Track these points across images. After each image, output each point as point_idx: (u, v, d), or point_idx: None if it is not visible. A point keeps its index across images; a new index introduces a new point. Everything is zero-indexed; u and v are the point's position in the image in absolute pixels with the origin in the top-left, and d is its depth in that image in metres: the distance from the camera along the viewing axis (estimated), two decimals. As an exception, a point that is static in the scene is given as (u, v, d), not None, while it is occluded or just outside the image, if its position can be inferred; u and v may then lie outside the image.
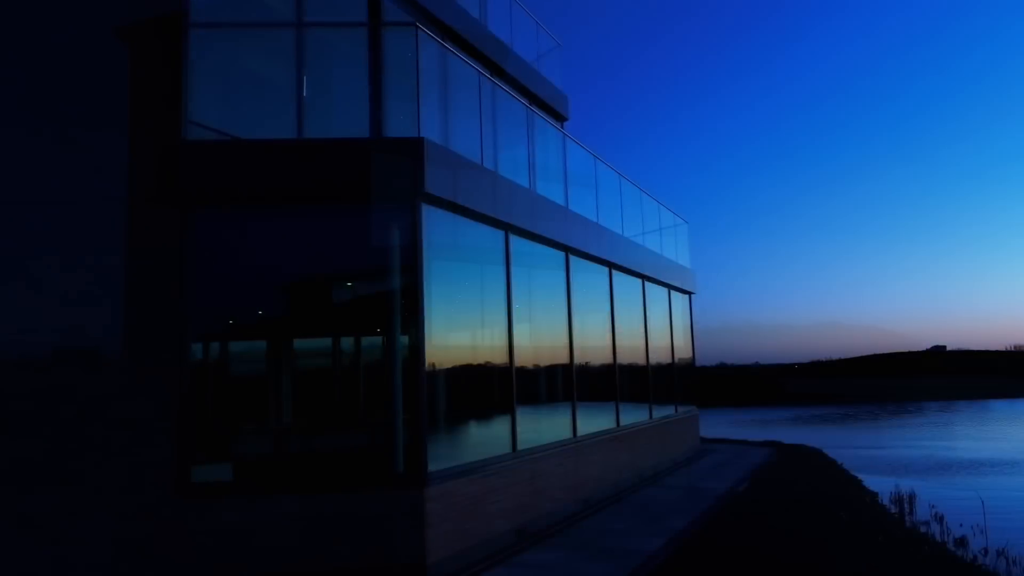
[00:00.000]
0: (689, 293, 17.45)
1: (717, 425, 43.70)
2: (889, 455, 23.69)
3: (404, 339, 7.07)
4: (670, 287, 15.92)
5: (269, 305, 7.03)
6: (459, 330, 8.11)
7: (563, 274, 10.53)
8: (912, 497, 14.69)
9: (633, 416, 13.03)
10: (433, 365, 7.56)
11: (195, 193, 6.80)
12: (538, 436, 9.48)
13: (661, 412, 14.55)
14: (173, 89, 6.97)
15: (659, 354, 14.92)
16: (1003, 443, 26.47)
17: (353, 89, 9.97)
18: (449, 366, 7.88)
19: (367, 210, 7.11)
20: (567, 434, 10.20)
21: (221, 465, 6.83)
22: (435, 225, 7.50)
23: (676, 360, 16.07)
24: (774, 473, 13.13)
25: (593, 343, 11.66)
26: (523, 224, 9.06)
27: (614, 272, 12.54)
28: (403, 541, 6.60)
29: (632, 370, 13.36)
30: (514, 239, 9.11)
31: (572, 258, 10.79)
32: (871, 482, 16.82)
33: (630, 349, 13.30)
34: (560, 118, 16.59)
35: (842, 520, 8.91)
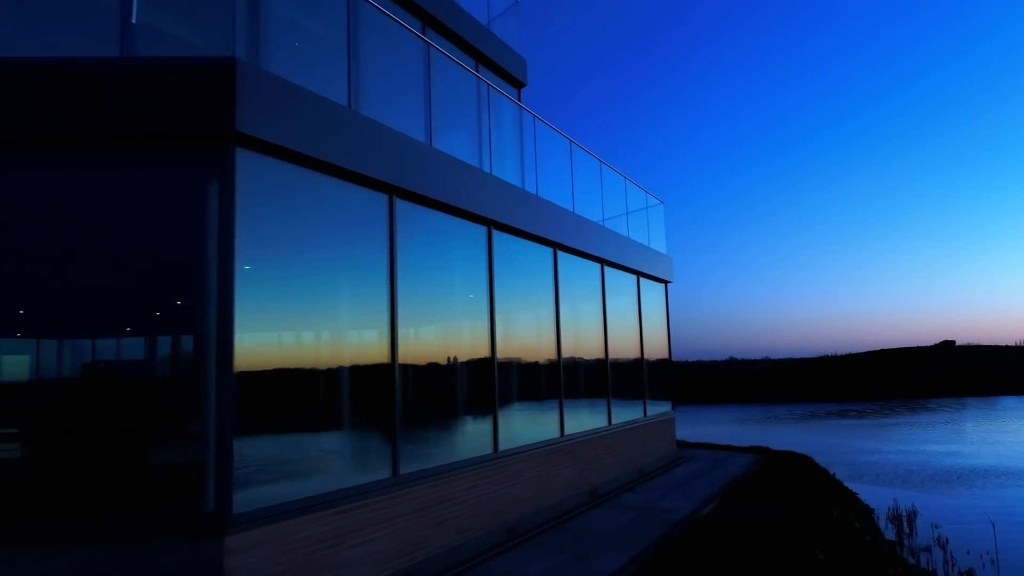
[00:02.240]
0: (665, 282, 15.54)
1: (720, 424, 41.85)
2: (890, 461, 21.77)
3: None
4: (640, 274, 14.02)
5: (33, 287, 5.21)
6: (327, 323, 6.28)
7: (484, 253, 8.67)
8: (913, 515, 12.81)
9: (588, 421, 11.18)
10: (292, 368, 5.79)
11: (-77, 133, 4.98)
12: (447, 452, 7.66)
13: (625, 416, 12.68)
14: None
15: (625, 350, 13.06)
16: (1013, 448, 24.48)
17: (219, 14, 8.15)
18: (312, 368, 6.07)
19: (168, 158, 5.28)
20: (487, 449, 8.36)
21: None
22: (268, 181, 5.66)
23: (648, 356, 14.19)
24: (751, 489, 11.26)
25: (532, 336, 9.81)
26: (416, 187, 7.21)
27: (560, 254, 10.66)
28: (196, 609, 4.79)
29: (589, 368, 11.51)
30: (404, 206, 7.26)
31: (496, 234, 8.93)
32: (868, 495, 14.94)
33: (586, 344, 11.45)
34: (517, 84, 14.70)
35: (819, 560, 7.04)
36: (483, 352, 8.55)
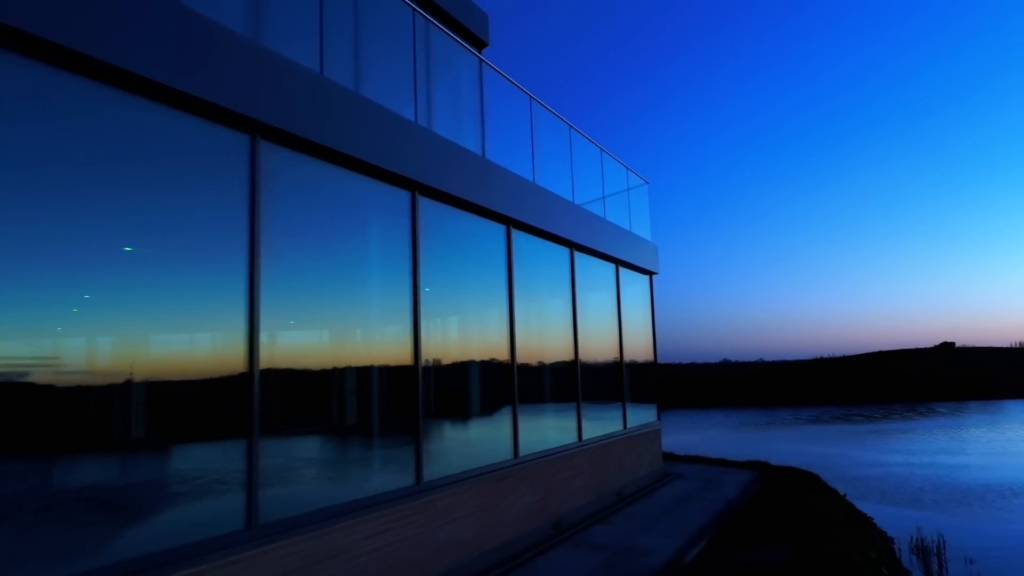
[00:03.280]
0: (649, 273, 13.61)
1: (715, 428, 39.94)
2: (898, 475, 19.90)
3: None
4: (619, 263, 12.09)
5: None
6: (150, 317, 4.33)
7: (407, 225, 6.71)
8: (941, 546, 10.91)
9: (553, 436, 9.24)
10: (97, 381, 3.86)
11: None
12: (344, 489, 5.72)
13: (600, 428, 10.74)
14: None
15: (601, 350, 11.13)
16: (1035, 456, 22.70)
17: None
18: (130, 379, 4.13)
19: None
20: (405, 480, 6.40)
21: None
22: (22, 93, 3.71)
23: (629, 358, 12.26)
24: (749, 518, 9.34)
25: (478, 335, 7.87)
26: (295, 127, 5.25)
27: (516, 233, 8.72)
28: None
29: (556, 373, 9.57)
30: (274, 153, 5.30)
31: (423, 201, 6.97)
32: (883, 517, 13.05)
33: (552, 344, 9.51)
34: (478, 43, 12.76)
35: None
36: (405, 355, 6.58)
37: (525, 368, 8.70)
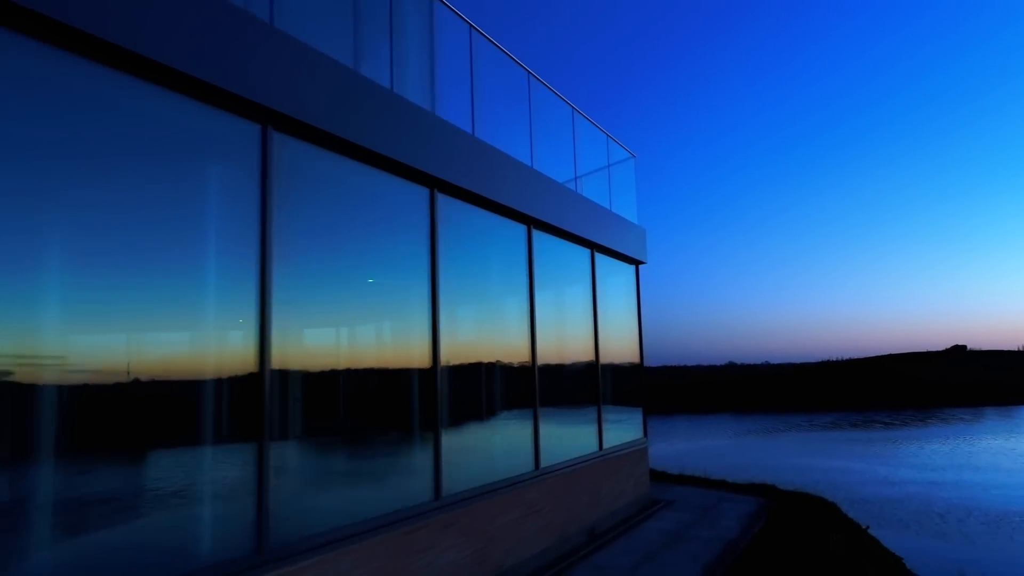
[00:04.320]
0: (636, 262, 11.52)
1: (718, 437, 37.79)
2: (920, 495, 17.74)
3: None
4: (596, 247, 10.01)
5: None
6: None
7: (255, 176, 4.64)
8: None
9: (501, 463, 7.17)
10: None
11: None
12: (151, 556, 3.67)
13: (566, 450, 8.66)
14: None
15: (573, 351, 9.06)
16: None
17: None
18: None
19: None
20: (240, 544, 4.33)
21: None
22: None
23: (608, 361, 10.19)
24: (754, 568, 7.25)
25: (390, 329, 5.81)
26: (47, 9, 3.20)
27: (445, 199, 6.64)
28: None
29: (510, 379, 7.51)
30: (12, 45, 3.24)
31: (283, 140, 4.89)
32: (911, 554, 10.95)
33: (503, 343, 7.45)
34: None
35: None
36: (247, 357, 4.51)
37: (457, 372, 6.63)
